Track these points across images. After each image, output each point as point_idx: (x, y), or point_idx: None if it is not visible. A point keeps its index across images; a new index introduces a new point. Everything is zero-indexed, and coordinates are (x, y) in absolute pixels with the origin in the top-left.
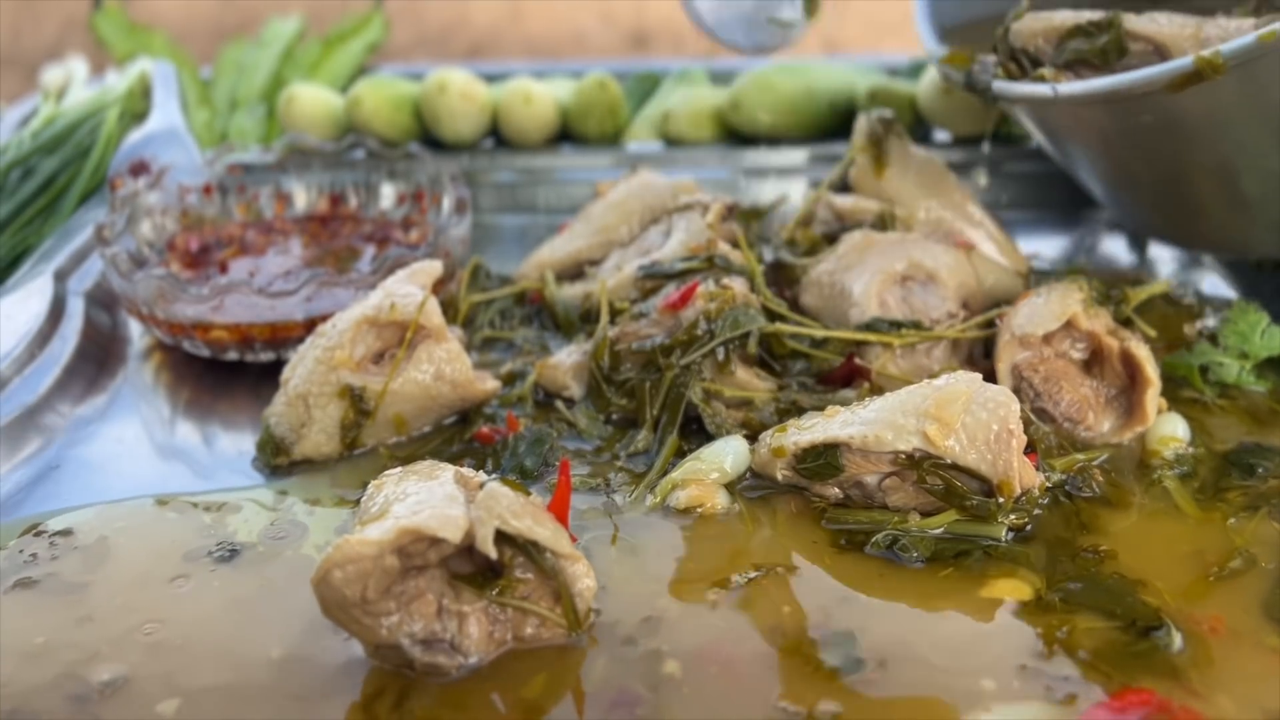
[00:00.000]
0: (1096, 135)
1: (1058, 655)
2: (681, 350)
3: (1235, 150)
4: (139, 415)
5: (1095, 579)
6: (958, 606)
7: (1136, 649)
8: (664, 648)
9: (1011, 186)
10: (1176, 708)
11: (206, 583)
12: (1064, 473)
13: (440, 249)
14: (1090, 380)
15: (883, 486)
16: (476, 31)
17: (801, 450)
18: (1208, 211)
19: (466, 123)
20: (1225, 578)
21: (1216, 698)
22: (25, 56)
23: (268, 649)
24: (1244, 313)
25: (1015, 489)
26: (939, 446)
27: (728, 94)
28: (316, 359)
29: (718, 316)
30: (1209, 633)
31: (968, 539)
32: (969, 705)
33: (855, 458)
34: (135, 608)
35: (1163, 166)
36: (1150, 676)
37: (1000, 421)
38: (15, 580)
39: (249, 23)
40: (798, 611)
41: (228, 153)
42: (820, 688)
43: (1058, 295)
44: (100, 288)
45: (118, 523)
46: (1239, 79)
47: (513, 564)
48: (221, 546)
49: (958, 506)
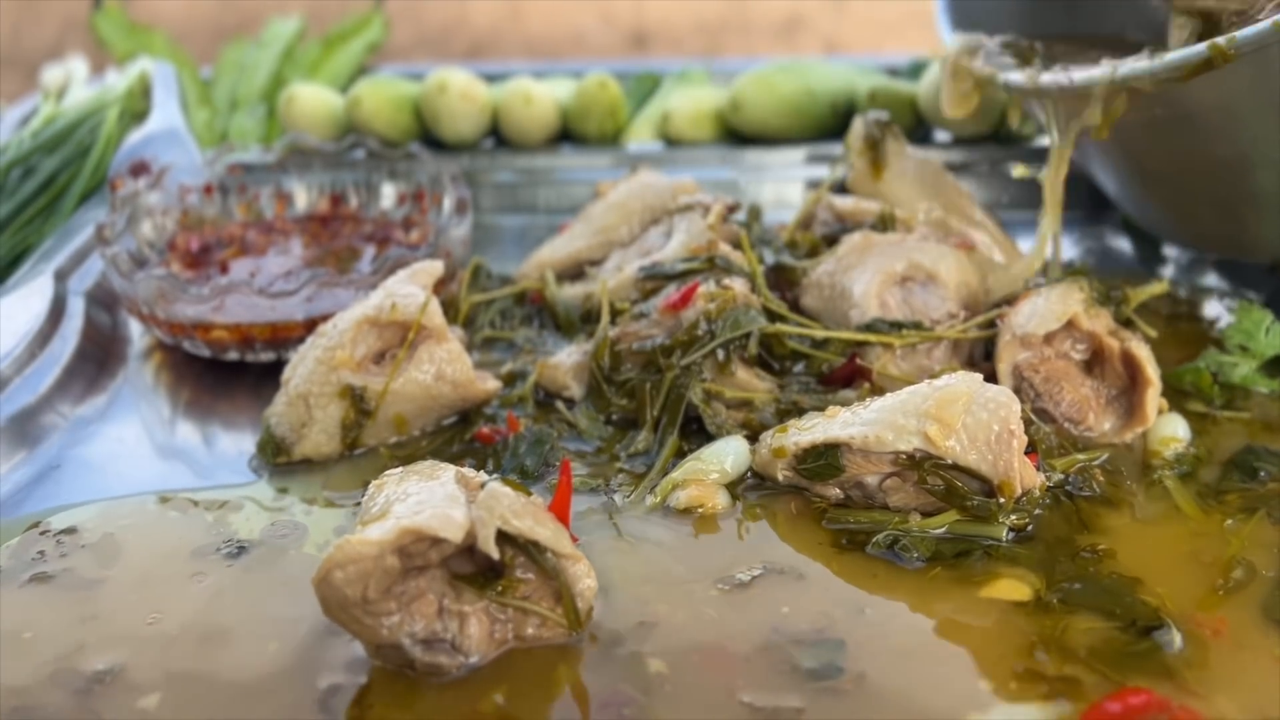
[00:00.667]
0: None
1: (1056, 656)
2: (682, 351)
3: (1249, 144)
4: (139, 415)
5: (1094, 579)
6: (956, 607)
7: (1136, 649)
8: (656, 649)
9: (1011, 186)
10: (1175, 707)
11: (216, 580)
12: (1064, 473)
13: (441, 249)
14: (1091, 380)
15: (883, 487)
16: (476, 31)
17: (802, 450)
18: (1221, 209)
19: (466, 123)
20: (1226, 579)
21: (1215, 698)
22: (25, 56)
23: (269, 646)
24: (1248, 311)
25: (1016, 489)
26: (940, 447)
27: (728, 94)
28: (317, 359)
29: (718, 317)
30: (1211, 635)
31: (968, 539)
32: (965, 706)
33: (856, 458)
34: (142, 604)
35: (1177, 161)
36: (1149, 677)
37: (1001, 422)
38: (30, 575)
39: (249, 23)
40: (795, 613)
41: (228, 153)
42: (798, 690)
43: (1058, 295)
44: (100, 288)
45: (121, 520)
46: (1253, 68)
47: (514, 564)
48: (229, 543)
49: (959, 507)
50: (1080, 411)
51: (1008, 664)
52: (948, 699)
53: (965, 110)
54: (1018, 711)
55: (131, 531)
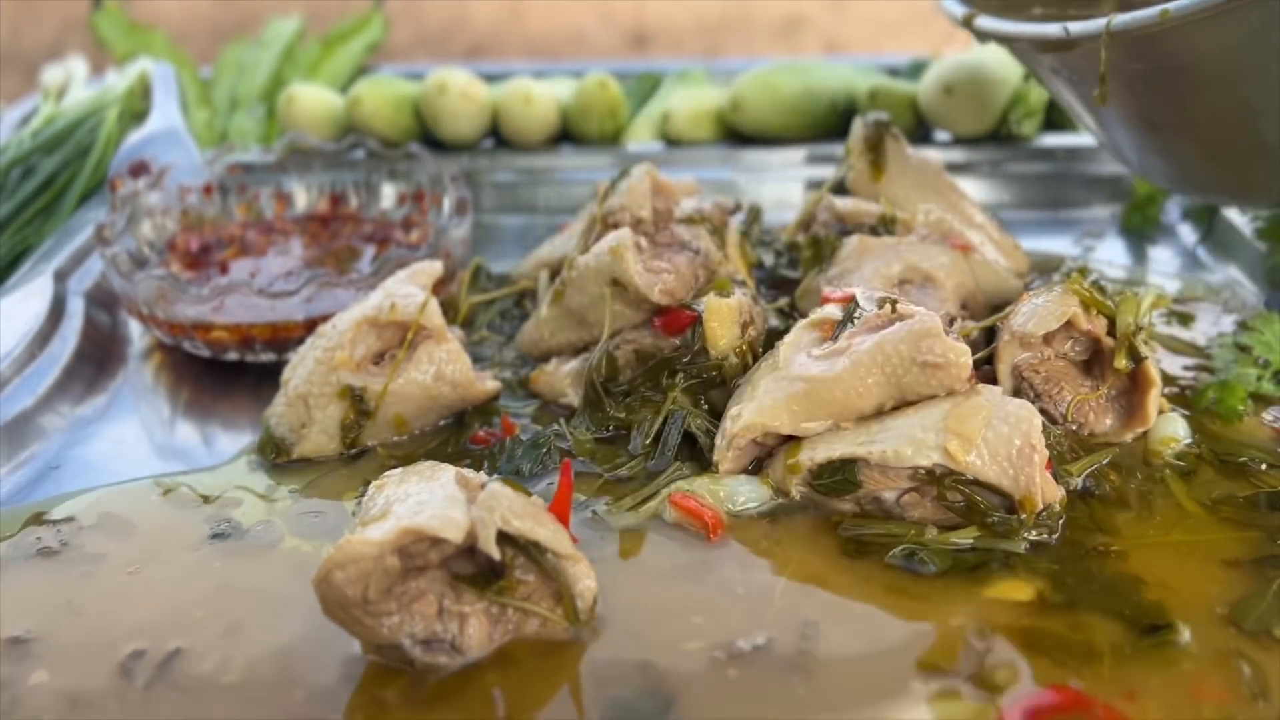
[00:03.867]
0: (1111, 79)
1: (1058, 655)
2: (684, 373)
3: (1254, 91)
4: (139, 415)
5: (1100, 578)
6: (961, 608)
7: (1141, 648)
8: (649, 658)
9: (1011, 186)
10: (1100, 706)
11: (211, 579)
12: (1079, 476)
13: (441, 249)
14: (1090, 381)
15: (901, 502)
16: (476, 31)
17: (817, 466)
18: (1226, 157)
19: (466, 123)
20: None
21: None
22: (25, 56)
23: (269, 645)
24: (1269, 322)
25: (1038, 504)
26: (960, 462)
27: (728, 94)
28: (317, 359)
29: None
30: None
31: (986, 550)
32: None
33: (873, 473)
34: (135, 589)
35: (1180, 110)
36: (1157, 676)
37: (1023, 436)
38: (37, 550)
39: (249, 23)
40: (790, 615)
41: (228, 153)
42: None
43: (1058, 295)
44: (100, 288)
45: (120, 504)
46: (1259, 13)
47: (514, 564)
48: (223, 531)
49: (979, 524)
50: (1080, 412)
51: (1004, 663)
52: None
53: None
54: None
55: (133, 515)
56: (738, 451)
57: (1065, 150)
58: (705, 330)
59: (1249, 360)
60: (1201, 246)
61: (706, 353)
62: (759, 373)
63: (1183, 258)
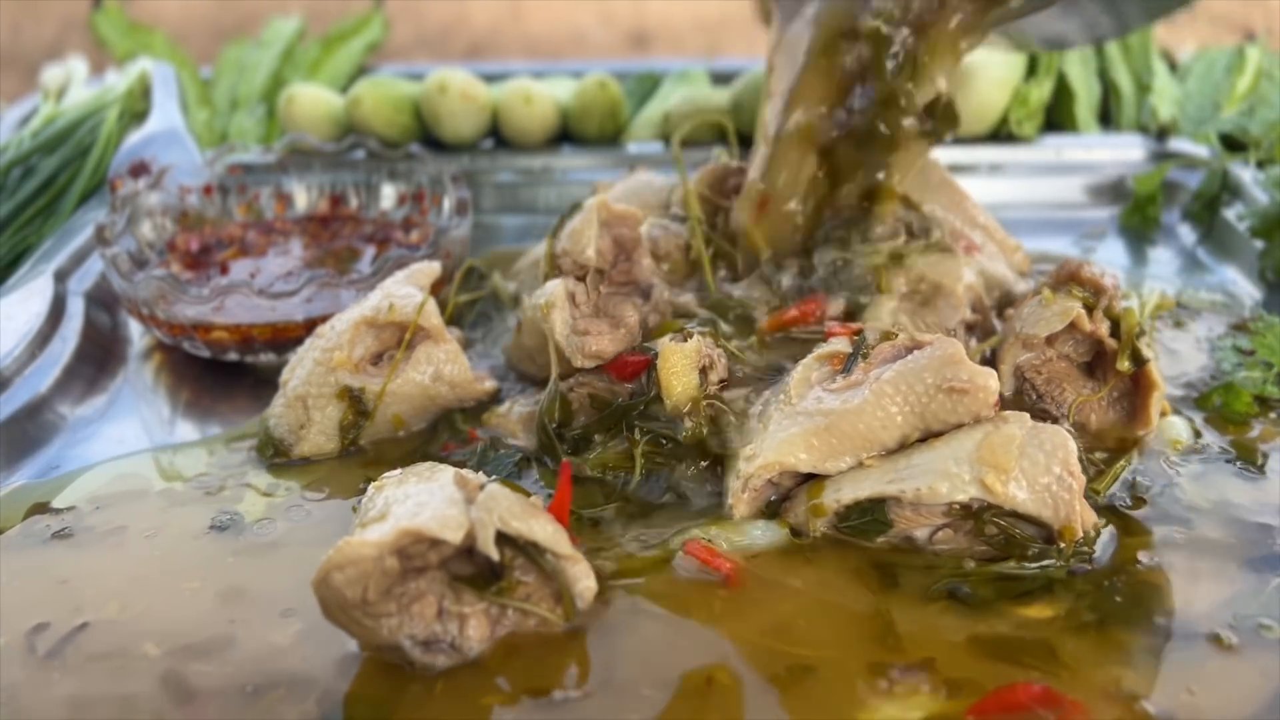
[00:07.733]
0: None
1: (1061, 657)
2: (640, 416)
3: None
4: (139, 415)
5: (1124, 589)
6: (987, 623)
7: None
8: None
9: (1012, 186)
10: (1066, 702)
11: (211, 580)
12: (1105, 493)
13: (441, 250)
14: (1092, 382)
15: (934, 539)
16: (476, 31)
17: (844, 508)
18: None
19: (466, 123)
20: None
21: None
22: (25, 56)
23: (269, 645)
24: (1271, 326)
25: (1078, 533)
26: (999, 495)
27: (728, 94)
28: (315, 360)
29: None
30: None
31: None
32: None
33: (906, 512)
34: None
35: None
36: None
37: (1061, 464)
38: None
39: (249, 23)
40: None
41: (228, 153)
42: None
43: (1060, 297)
44: (100, 288)
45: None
46: None
47: (513, 565)
48: (222, 530)
49: (1018, 557)
50: (1082, 413)
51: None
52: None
53: None
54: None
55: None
56: (754, 493)
57: (1065, 150)
58: (660, 378)
59: (1254, 363)
60: (1201, 247)
61: (661, 400)
62: (767, 410)
63: (1182, 258)
